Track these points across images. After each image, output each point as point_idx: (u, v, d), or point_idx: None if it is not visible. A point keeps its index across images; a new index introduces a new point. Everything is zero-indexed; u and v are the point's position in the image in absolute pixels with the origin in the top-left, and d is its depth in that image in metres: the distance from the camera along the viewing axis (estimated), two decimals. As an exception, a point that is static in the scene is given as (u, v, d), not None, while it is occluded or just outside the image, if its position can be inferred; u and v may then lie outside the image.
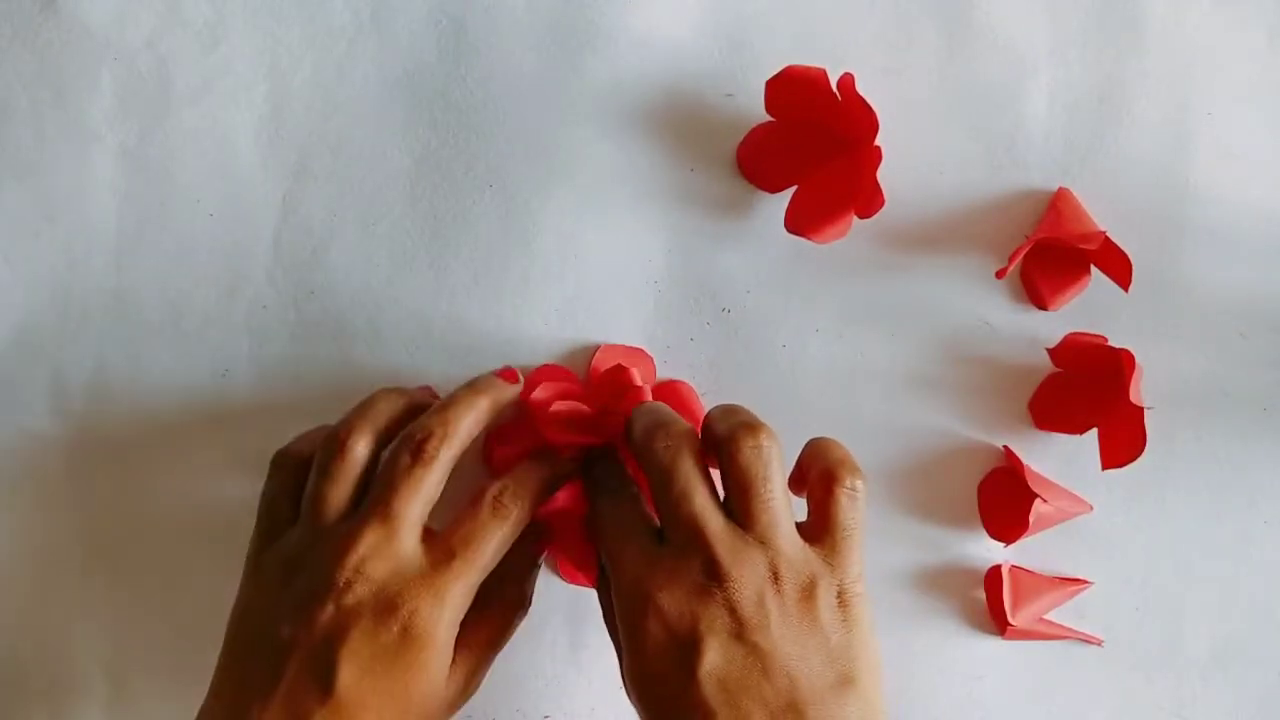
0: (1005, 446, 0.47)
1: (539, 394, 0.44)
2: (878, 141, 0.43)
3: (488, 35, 0.47)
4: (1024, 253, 0.44)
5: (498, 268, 0.47)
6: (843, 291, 0.47)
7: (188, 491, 0.47)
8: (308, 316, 0.47)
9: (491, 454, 0.46)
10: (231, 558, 0.47)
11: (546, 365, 0.47)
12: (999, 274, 0.45)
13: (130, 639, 0.48)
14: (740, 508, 0.37)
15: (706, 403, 0.47)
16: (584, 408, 0.43)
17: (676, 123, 0.47)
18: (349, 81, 0.47)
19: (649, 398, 0.44)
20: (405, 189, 0.47)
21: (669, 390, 0.46)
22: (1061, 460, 0.48)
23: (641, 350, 0.47)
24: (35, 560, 0.47)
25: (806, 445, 0.40)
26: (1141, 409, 0.43)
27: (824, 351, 0.47)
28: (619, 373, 0.44)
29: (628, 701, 0.40)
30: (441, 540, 0.39)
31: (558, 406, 0.43)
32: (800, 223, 0.45)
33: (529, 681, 0.48)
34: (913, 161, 0.47)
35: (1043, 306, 0.47)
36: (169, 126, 0.47)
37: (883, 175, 0.43)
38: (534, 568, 0.44)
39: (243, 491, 0.47)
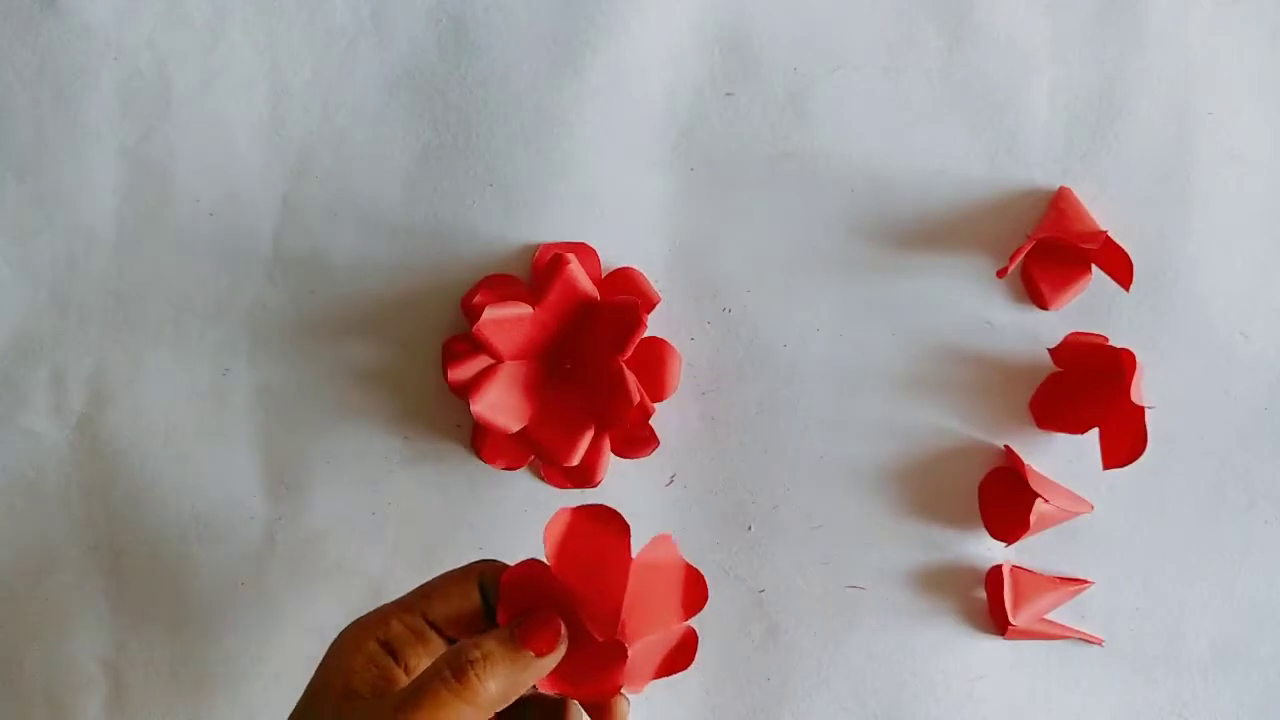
0: (1006, 446, 0.47)
1: (480, 299, 0.44)
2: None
3: (488, 35, 0.47)
4: (1025, 252, 0.44)
5: (498, 267, 0.47)
6: (843, 291, 0.47)
7: (188, 491, 0.47)
8: (308, 316, 0.47)
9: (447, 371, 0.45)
10: (231, 557, 0.47)
11: (492, 275, 0.46)
12: (1000, 273, 0.45)
13: (130, 639, 0.48)
14: None
15: (706, 401, 0.47)
16: (524, 306, 0.43)
17: (676, 122, 0.47)
18: (349, 81, 0.47)
19: (585, 280, 0.43)
20: (405, 189, 0.47)
21: (621, 276, 0.46)
22: (1062, 460, 0.47)
23: (585, 244, 0.47)
24: (35, 560, 0.47)
25: None
26: (1142, 409, 0.43)
27: (824, 351, 0.47)
28: (557, 262, 0.43)
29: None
30: None
31: (492, 310, 0.42)
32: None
33: (529, 682, 0.48)
34: (913, 161, 0.47)
35: (1044, 306, 0.47)
36: (169, 126, 0.47)
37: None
38: None
39: (243, 491, 0.47)
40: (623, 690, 0.37)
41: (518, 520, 0.47)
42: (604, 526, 0.37)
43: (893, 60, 0.47)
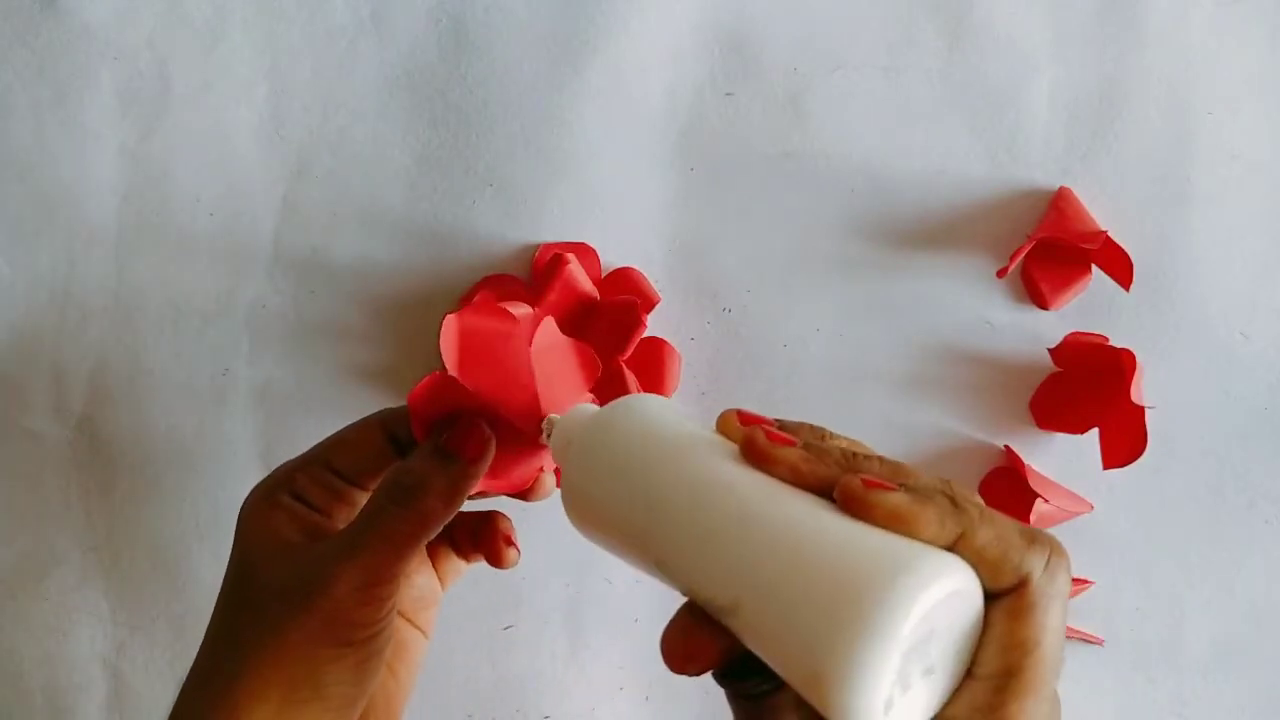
0: (1006, 446, 0.47)
1: (480, 299, 0.44)
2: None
3: (488, 35, 0.47)
4: (1025, 252, 0.44)
5: (498, 267, 0.47)
6: (843, 291, 0.47)
7: (188, 491, 0.47)
8: (308, 316, 0.47)
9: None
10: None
11: (492, 275, 0.46)
12: (1000, 273, 0.45)
13: (130, 639, 0.48)
14: None
15: (706, 401, 0.47)
16: (524, 306, 0.43)
17: (676, 122, 0.47)
18: (349, 81, 0.47)
19: (584, 280, 0.43)
20: (405, 189, 0.47)
21: (621, 276, 0.46)
22: (1062, 460, 0.47)
23: (585, 244, 0.47)
24: (35, 560, 0.47)
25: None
26: (1142, 409, 0.43)
27: (824, 351, 0.47)
28: (557, 262, 0.43)
29: (627, 702, 0.40)
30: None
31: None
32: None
33: (529, 682, 0.48)
34: (913, 161, 0.47)
35: (1044, 306, 0.47)
36: (169, 126, 0.47)
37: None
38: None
39: (242, 491, 0.47)
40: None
41: (518, 517, 0.47)
42: (496, 323, 0.36)
43: (893, 60, 0.47)
